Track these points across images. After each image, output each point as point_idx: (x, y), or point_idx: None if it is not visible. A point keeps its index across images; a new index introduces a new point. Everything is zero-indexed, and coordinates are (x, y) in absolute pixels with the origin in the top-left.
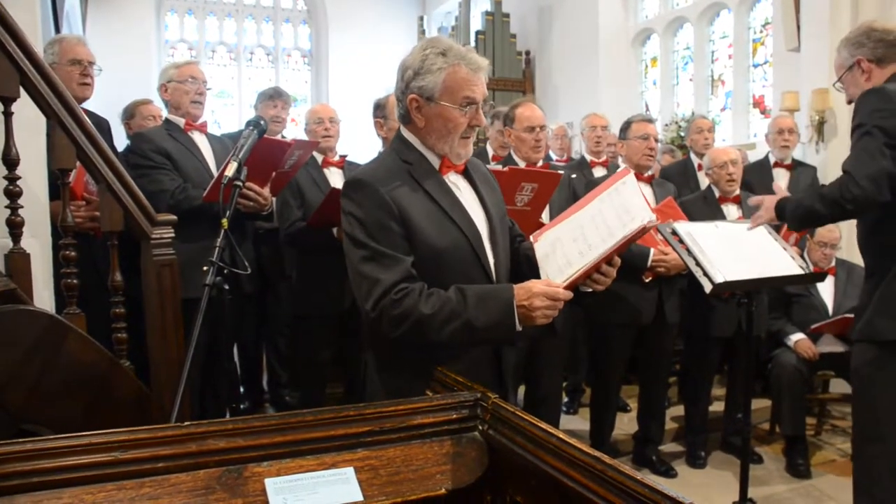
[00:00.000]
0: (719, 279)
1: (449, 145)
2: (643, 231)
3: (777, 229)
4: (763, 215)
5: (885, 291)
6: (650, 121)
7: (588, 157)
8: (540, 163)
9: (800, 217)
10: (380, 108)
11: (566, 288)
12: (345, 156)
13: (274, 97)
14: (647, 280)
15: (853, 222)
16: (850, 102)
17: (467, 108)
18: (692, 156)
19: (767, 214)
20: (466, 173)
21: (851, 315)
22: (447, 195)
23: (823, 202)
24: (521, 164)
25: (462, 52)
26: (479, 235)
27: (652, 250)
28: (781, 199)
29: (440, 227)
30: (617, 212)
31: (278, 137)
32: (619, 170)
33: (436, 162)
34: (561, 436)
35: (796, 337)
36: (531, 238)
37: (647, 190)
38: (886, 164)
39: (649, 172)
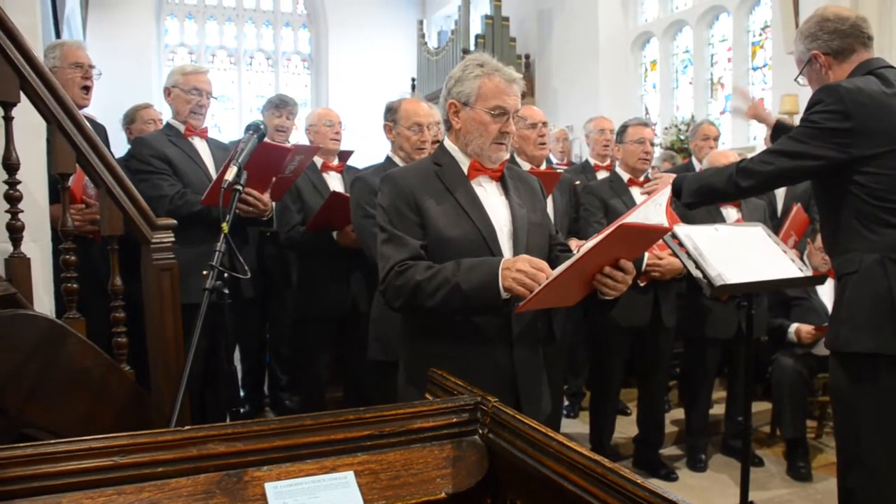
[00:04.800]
0: (719, 282)
1: (481, 147)
2: (646, 231)
3: (776, 232)
4: (658, 187)
5: (850, 297)
6: (646, 124)
7: (592, 161)
8: (543, 165)
9: (695, 192)
10: (390, 112)
11: (561, 276)
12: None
13: (280, 106)
14: (641, 284)
15: None
16: None
17: (498, 115)
18: (693, 161)
19: (662, 186)
20: (503, 180)
21: None
22: (467, 193)
23: (722, 181)
24: (525, 165)
25: (498, 65)
26: (495, 232)
27: (646, 254)
28: (678, 176)
29: (453, 218)
30: (637, 216)
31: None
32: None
33: (465, 166)
34: (561, 439)
35: (795, 325)
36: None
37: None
38: (784, 172)
39: (645, 176)
